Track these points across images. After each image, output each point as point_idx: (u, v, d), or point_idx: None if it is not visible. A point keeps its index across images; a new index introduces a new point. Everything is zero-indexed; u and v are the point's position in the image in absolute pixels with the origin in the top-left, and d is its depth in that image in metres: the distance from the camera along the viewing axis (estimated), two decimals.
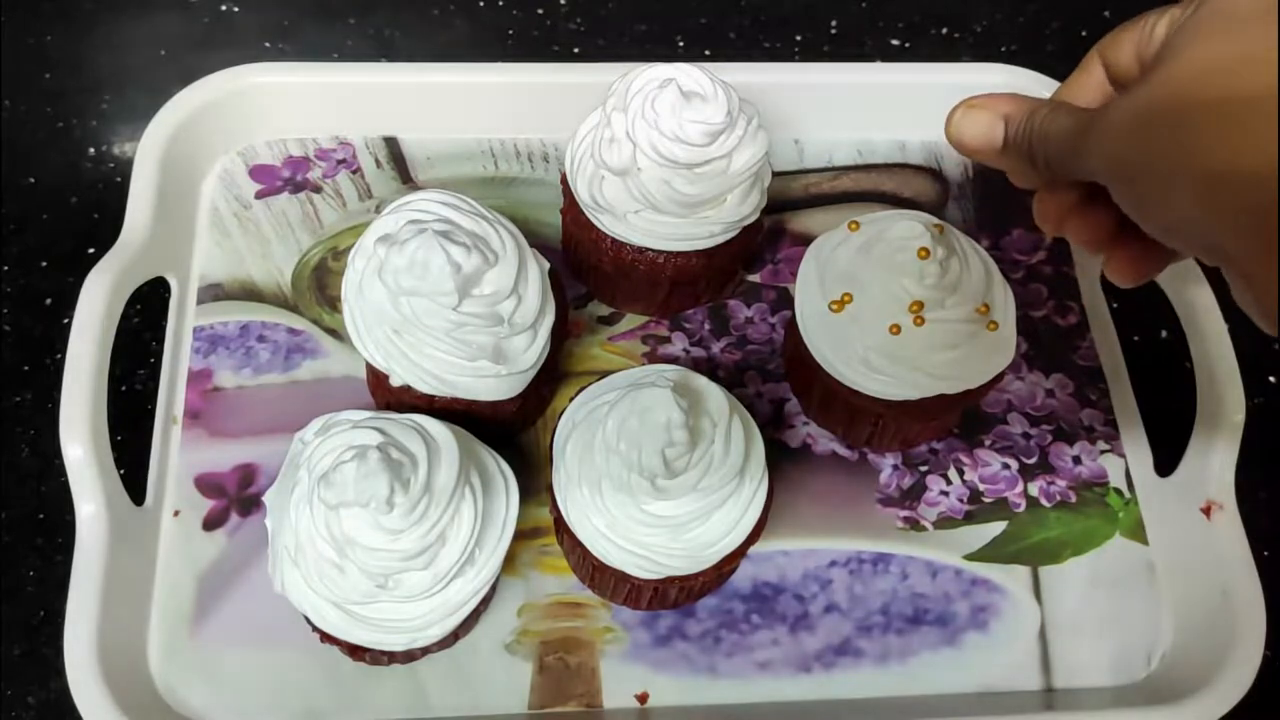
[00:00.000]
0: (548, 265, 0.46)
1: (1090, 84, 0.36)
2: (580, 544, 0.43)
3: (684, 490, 0.41)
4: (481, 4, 0.67)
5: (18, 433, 0.51)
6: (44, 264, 0.56)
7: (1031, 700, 0.47)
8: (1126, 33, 0.34)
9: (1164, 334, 0.57)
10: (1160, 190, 0.29)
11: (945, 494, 0.51)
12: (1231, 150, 0.27)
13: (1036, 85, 0.59)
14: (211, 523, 0.48)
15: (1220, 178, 0.27)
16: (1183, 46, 0.30)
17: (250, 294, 0.54)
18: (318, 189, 0.57)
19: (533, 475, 0.49)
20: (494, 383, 0.45)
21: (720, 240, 0.49)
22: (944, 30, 0.68)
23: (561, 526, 0.44)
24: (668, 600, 0.46)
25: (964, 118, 0.37)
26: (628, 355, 0.54)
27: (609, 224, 0.49)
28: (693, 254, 0.50)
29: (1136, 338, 0.57)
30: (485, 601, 0.45)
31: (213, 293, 0.54)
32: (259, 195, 0.57)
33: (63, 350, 0.46)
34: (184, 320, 0.53)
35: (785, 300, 0.55)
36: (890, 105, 0.60)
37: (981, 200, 0.60)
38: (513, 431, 0.51)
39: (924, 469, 0.52)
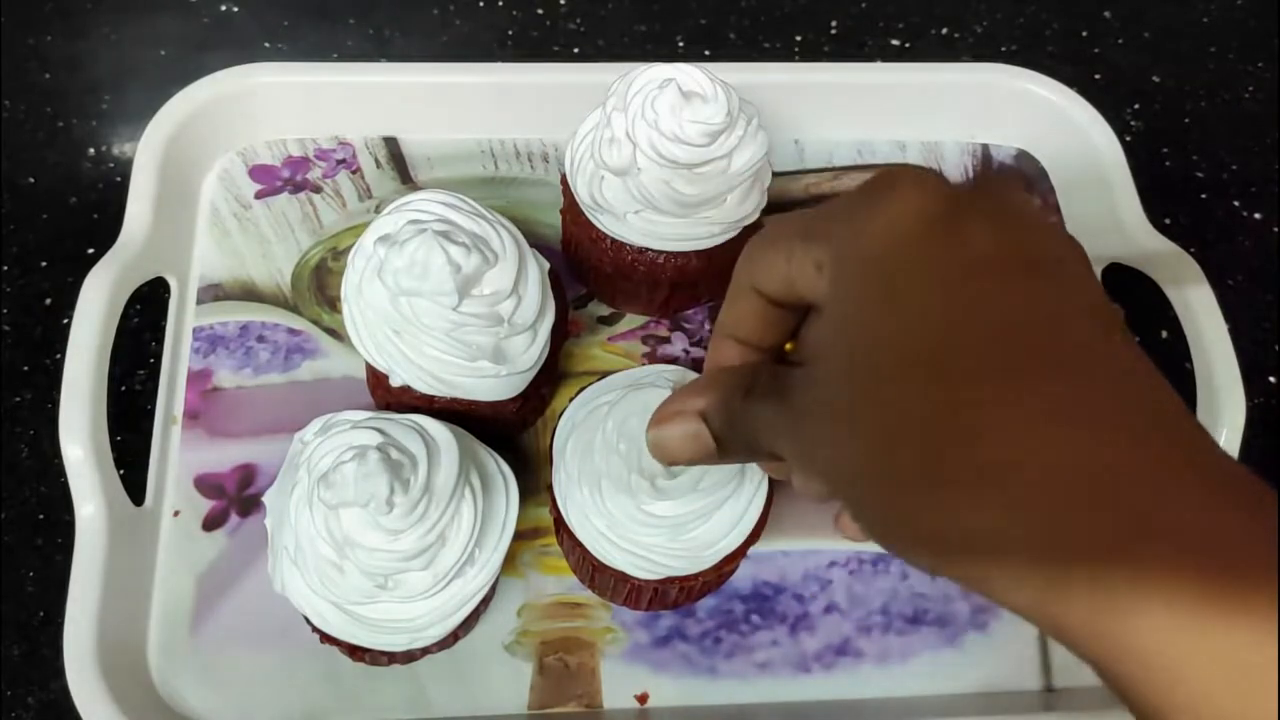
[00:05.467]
0: (548, 265, 0.46)
1: (751, 313, 0.31)
2: (580, 544, 0.43)
3: (684, 490, 0.41)
4: (481, 4, 0.67)
5: (18, 433, 0.51)
6: (44, 264, 0.56)
7: (1031, 700, 0.47)
8: (771, 265, 0.29)
9: (1164, 334, 0.57)
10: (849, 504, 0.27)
11: None
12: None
13: (1037, 85, 0.59)
14: (211, 523, 0.48)
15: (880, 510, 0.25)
16: (834, 334, 0.26)
17: (250, 294, 0.54)
18: (317, 189, 0.57)
19: (533, 475, 0.49)
20: (494, 383, 0.45)
21: (720, 240, 0.49)
22: (944, 30, 0.68)
23: (561, 526, 0.44)
24: (668, 600, 0.46)
25: (662, 435, 0.32)
26: (628, 355, 0.54)
27: (609, 224, 0.49)
28: (693, 254, 0.50)
29: (1137, 338, 0.56)
30: (485, 601, 0.45)
31: (213, 293, 0.54)
32: (259, 195, 0.57)
33: (63, 350, 0.46)
34: (184, 320, 0.53)
35: None
36: (890, 105, 0.60)
37: None
38: (513, 431, 0.51)
39: None
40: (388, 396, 0.46)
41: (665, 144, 0.45)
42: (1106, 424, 0.22)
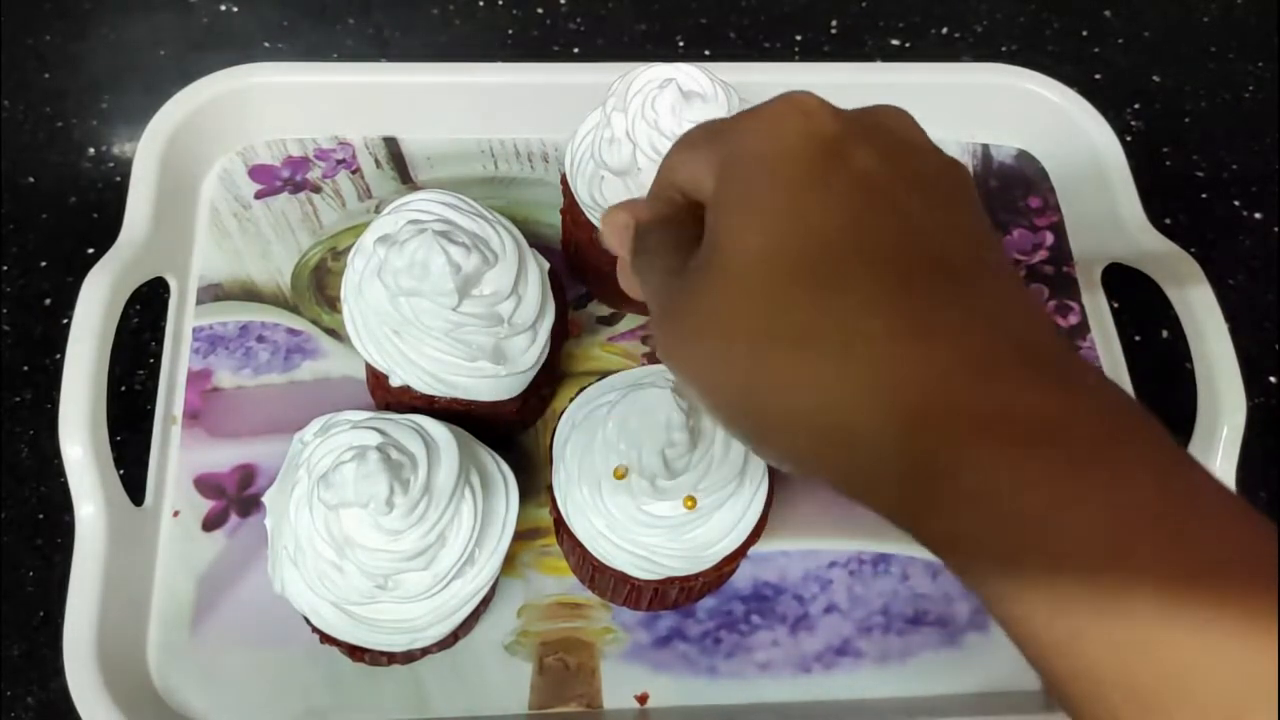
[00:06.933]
0: (548, 265, 0.46)
1: (670, 213, 0.31)
2: (580, 544, 0.43)
3: (684, 491, 0.41)
4: (481, 4, 0.67)
5: (17, 433, 0.51)
6: (44, 264, 0.56)
7: (1031, 700, 0.47)
8: (687, 163, 0.29)
9: (1164, 334, 0.57)
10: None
11: None
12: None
13: (1036, 85, 0.59)
14: (211, 523, 0.48)
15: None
16: (710, 236, 0.27)
17: (250, 294, 0.54)
18: (317, 189, 0.57)
19: (533, 475, 0.49)
20: (494, 383, 0.45)
21: None
22: (944, 30, 0.68)
23: (561, 527, 0.44)
24: (668, 601, 0.46)
25: (608, 215, 0.33)
26: (628, 355, 0.54)
27: None
28: None
29: (1137, 338, 0.57)
30: (485, 602, 0.45)
31: (212, 293, 0.54)
32: (259, 195, 0.57)
33: (63, 350, 0.46)
34: (184, 320, 0.53)
35: None
36: None
37: (981, 200, 0.59)
38: (513, 432, 0.51)
39: None
40: (388, 396, 0.46)
41: (665, 144, 0.45)
42: (967, 343, 0.23)
